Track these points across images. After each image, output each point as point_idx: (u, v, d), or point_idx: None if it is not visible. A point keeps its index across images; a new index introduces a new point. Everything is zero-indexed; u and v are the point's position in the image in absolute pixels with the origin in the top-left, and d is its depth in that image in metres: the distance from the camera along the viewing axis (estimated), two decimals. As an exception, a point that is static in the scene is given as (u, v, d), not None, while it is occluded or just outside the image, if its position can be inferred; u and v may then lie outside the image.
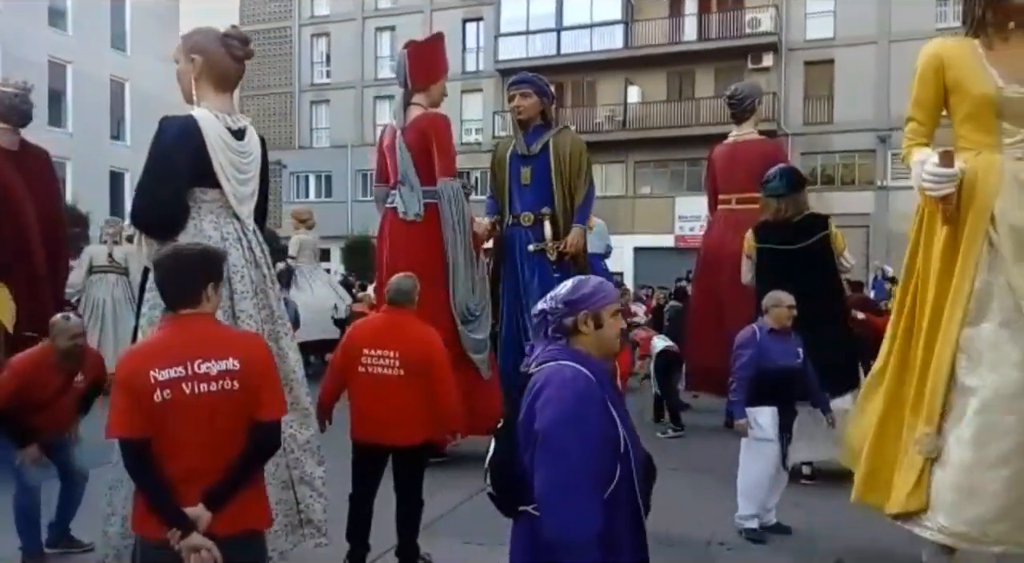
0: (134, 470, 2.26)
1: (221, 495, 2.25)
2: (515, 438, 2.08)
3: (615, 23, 25.52)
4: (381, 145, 6.07)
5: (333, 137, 30.35)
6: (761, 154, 6.68)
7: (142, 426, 2.21)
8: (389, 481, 3.71)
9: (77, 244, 19.56)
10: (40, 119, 24.69)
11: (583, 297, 2.13)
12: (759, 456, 4.26)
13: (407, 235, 5.73)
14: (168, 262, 2.42)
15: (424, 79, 5.82)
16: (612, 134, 25.45)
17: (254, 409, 2.33)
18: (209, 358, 2.27)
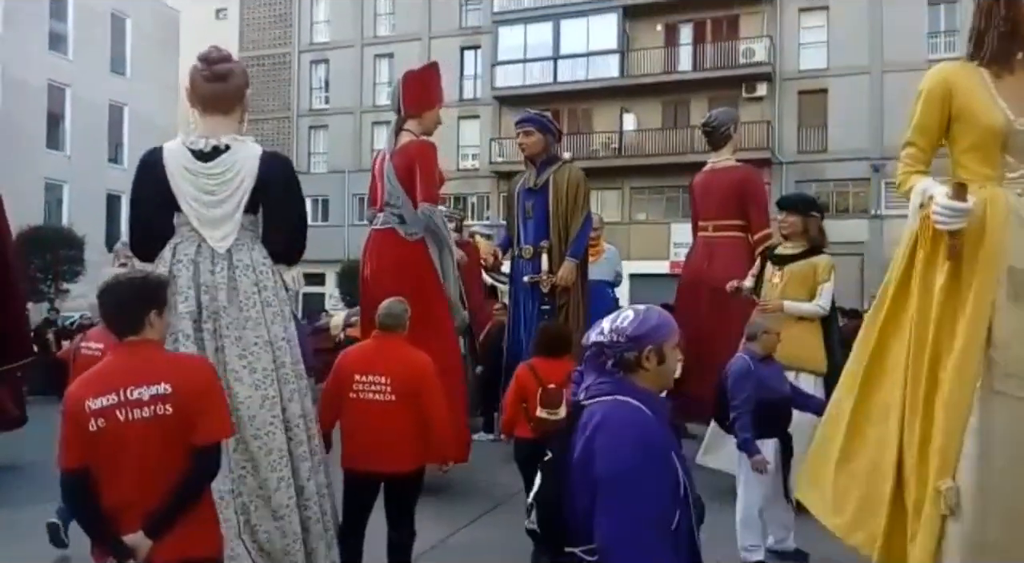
0: (69, 500, 2.29)
1: (161, 522, 2.22)
2: (564, 475, 1.96)
3: (611, 52, 25.82)
4: (373, 169, 6.19)
5: (331, 162, 30.49)
6: (736, 180, 6.73)
7: (79, 456, 2.23)
8: (380, 512, 3.65)
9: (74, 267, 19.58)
10: (39, 142, 25.05)
11: (649, 331, 2.01)
12: (758, 484, 4.20)
13: (390, 256, 5.77)
14: (108, 293, 2.43)
15: (417, 107, 5.92)
16: (608, 161, 25.62)
17: (189, 433, 2.29)
18: (141, 383, 2.26)
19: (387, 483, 3.60)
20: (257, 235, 3.35)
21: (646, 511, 1.83)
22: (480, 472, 6.06)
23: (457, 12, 28.94)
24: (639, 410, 1.94)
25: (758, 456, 4.10)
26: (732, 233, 6.71)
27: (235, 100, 3.35)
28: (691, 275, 6.95)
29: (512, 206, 6.87)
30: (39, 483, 6.03)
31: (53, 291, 18.84)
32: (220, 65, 3.32)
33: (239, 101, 3.38)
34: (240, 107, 3.40)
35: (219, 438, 2.39)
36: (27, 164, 23.02)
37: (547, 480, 2.02)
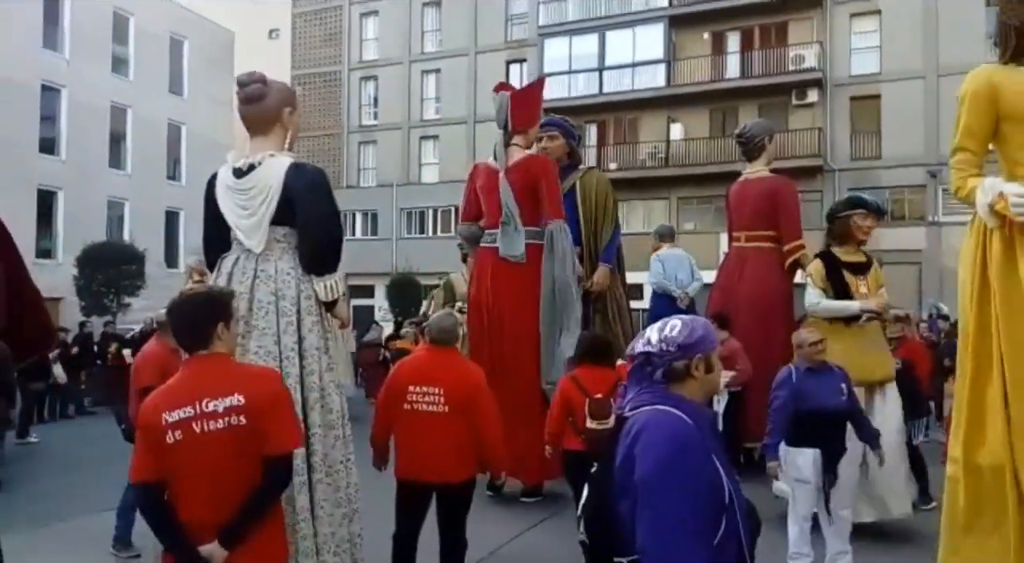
0: (146, 513, 2.31)
1: (235, 532, 2.26)
2: (610, 485, 1.98)
3: (657, 62, 25.71)
4: (473, 184, 6.16)
5: (380, 176, 30.96)
6: (767, 190, 6.64)
7: (156, 469, 2.27)
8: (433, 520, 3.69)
9: (135, 281, 20.20)
10: (102, 161, 25.99)
11: (698, 340, 2.03)
12: (799, 497, 4.17)
13: (510, 275, 5.77)
14: (176, 310, 2.52)
15: (524, 123, 6.01)
16: (655, 171, 25.47)
17: (262, 443, 2.33)
18: (216, 396, 2.31)
19: (439, 493, 3.63)
20: (290, 246, 3.35)
21: (683, 516, 1.84)
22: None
23: (503, 26, 29.20)
24: (679, 418, 1.96)
25: (772, 462, 4.18)
26: (763, 243, 6.64)
27: (271, 120, 3.40)
28: (724, 286, 6.89)
29: None
30: (100, 491, 6.26)
31: (115, 305, 19.47)
32: (251, 87, 3.39)
33: (276, 121, 3.41)
34: (280, 126, 3.43)
35: (290, 448, 2.43)
36: (91, 182, 23.96)
37: (594, 492, 2.05)
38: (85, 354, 13.37)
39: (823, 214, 5.46)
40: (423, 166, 30.38)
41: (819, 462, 4.10)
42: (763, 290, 6.40)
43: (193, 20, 28.46)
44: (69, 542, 4.82)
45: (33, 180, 22.28)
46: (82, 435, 10.61)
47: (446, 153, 29.03)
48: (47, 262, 22.30)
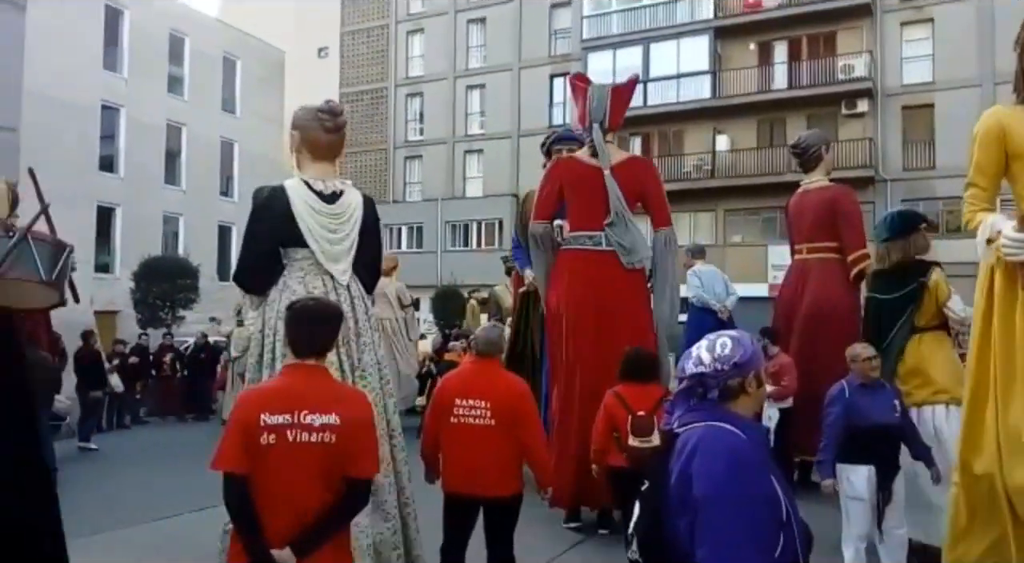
0: (233, 503, 2.34)
1: (309, 543, 2.29)
2: (662, 503, 1.97)
3: (702, 73, 25.54)
4: (555, 181, 5.72)
5: (425, 191, 31.32)
6: (828, 200, 6.51)
7: (244, 462, 2.31)
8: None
9: (189, 294, 20.74)
10: (158, 178, 26.80)
11: (752, 357, 2.03)
12: (853, 515, 4.09)
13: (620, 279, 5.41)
14: (306, 314, 2.55)
15: (618, 120, 5.76)
16: (701, 182, 25.23)
17: (347, 465, 2.38)
18: (314, 410, 2.36)
19: (485, 507, 3.63)
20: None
21: (744, 533, 1.82)
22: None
23: (546, 41, 29.36)
24: (734, 434, 1.94)
25: (827, 480, 4.10)
26: (826, 254, 6.51)
27: (343, 148, 3.75)
28: (786, 300, 6.78)
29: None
30: (153, 500, 6.43)
31: (170, 318, 20.02)
32: (341, 118, 3.64)
33: (342, 149, 3.77)
34: (341, 155, 3.80)
35: (372, 474, 2.49)
36: (148, 198, 24.76)
37: (645, 509, 2.03)
38: (142, 365, 13.77)
39: (875, 225, 5.32)
40: (468, 180, 30.64)
41: (873, 479, 4.02)
42: (826, 302, 6.25)
43: (245, 40, 29.30)
44: (122, 549, 4.92)
45: (93, 196, 23.12)
46: (137, 444, 10.92)
47: (490, 167, 29.24)
48: (106, 277, 23.08)
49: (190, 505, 5.80)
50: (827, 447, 4.10)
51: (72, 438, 10.77)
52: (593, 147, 5.58)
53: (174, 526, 5.52)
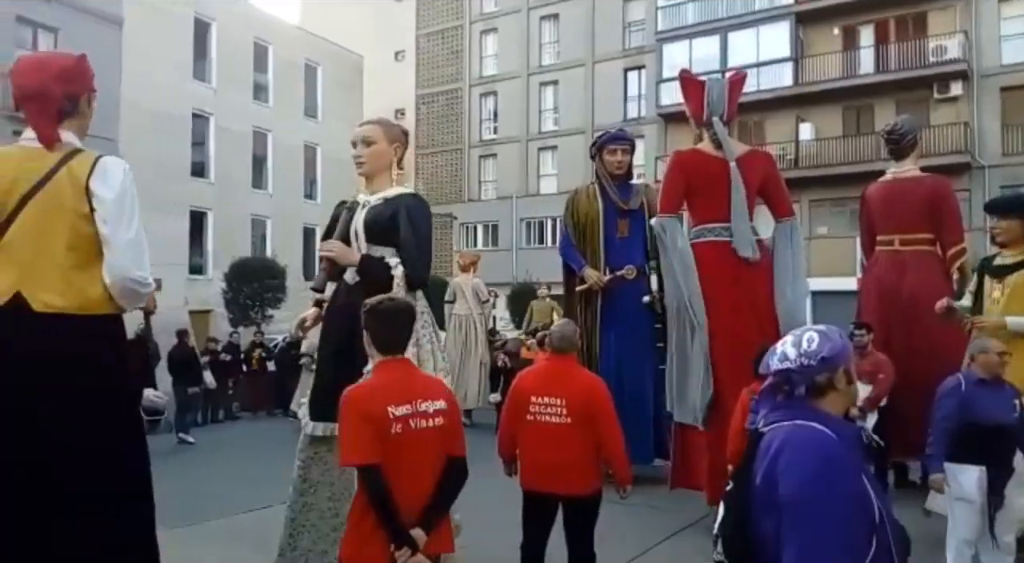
0: (376, 493, 2.46)
1: (432, 518, 2.50)
2: (747, 504, 1.92)
3: (784, 61, 24.77)
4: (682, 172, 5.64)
5: (500, 189, 31.52)
6: (926, 191, 6.20)
7: (378, 453, 2.47)
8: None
9: (277, 294, 21.49)
10: (245, 182, 27.87)
11: (840, 352, 1.95)
12: (959, 517, 3.87)
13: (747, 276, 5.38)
14: (384, 313, 2.68)
15: (734, 112, 5.78)
16: (784, 173, 24.26)
17: (451, 445, 2.63)
18: (427, 398, 2.58)
19: (564, 505, 3.61)
20: None
21: (833, 535, 1.76)
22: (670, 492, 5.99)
23: (620, 34, 29.06)
24: (822, 433, 1.87)
25: (936, 475, 3.89)
26: (922, 247, 6.22)
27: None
28: (881, 292, 6.48)
29: (591, 226, 6.68)
30: (245, 493, 6.70)
31: (260, 316, 20.82)
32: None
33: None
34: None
35: (465, 452, 2.70)
36: (237, 203, 25.82)
37: (730, 510, 1.99)
38: (233, 362, 14.37)
39: (972, 213, 5.06)
40: (542, 177, 30.67)
41: (984, 481, 3.79)
42: (926, 298, 5.98)
43: (326, 47, 30.13)
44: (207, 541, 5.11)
45: (186, 202, 24.26)
46: (229, 438, 11.41)
47: (564, 163, 29.16)
48: (199, 278, 24.20)
49: (277, 498, 6.02)
50: (937, 442, 3.89)
51: (169, 433, 11.35)
52: (717, 139, 5.54)
53: (260, 518, 5.71)
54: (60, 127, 2.59)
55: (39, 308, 2.44)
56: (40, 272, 2.47)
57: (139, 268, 2.55)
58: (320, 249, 3.64)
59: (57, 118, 2.58)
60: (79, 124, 2.68)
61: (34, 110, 2.56)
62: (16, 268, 2.47)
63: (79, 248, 2.50)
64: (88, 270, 2.51)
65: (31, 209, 2.48)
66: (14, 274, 2.47)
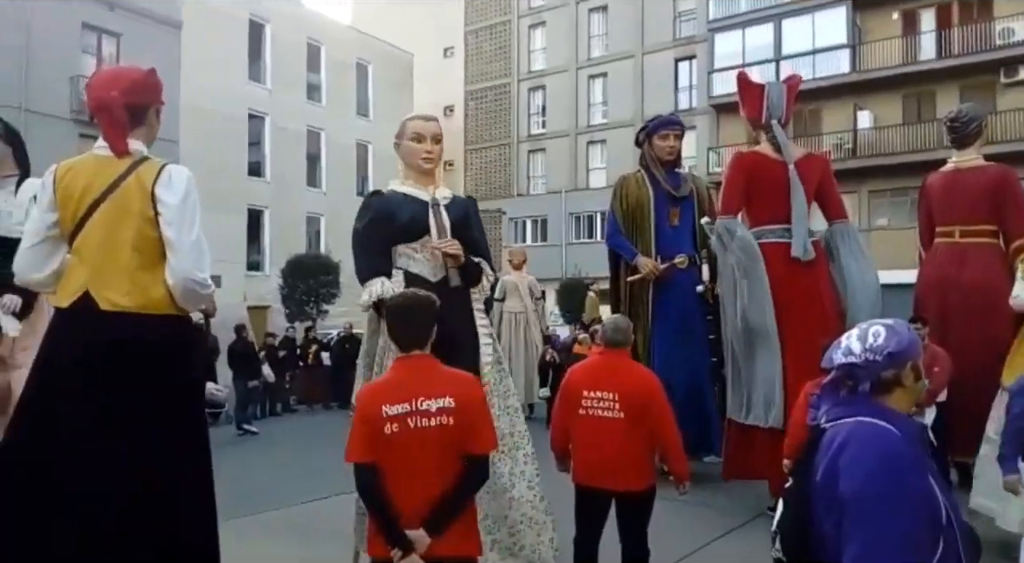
0: (365, 492, 2.51)
1: (440, 521, 2.45)
2: (807, 501, 1.89)
3: (840, 47, 24.10)
4: (743, 173, 5.67)
5: (548, 183, 31.48)
6: (991, 181, 5.96)
7: (370, 452, 2.48)
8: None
9: (331, 290, 21.91)
10: (300, 181, 28.43)
11: (908, 347, 1.90)
12: None
13: (806, 277, 5.46)
14: (402, 309, 2.69)
15: (791, 116, 5.85)
16: (841, 163, 23.78)
17: (466, 444, 2.53)
18: (430, 396, 2.51)
19: (618, 501, 3.59)
20: None
21: (896, 533, 1.71)
22: (726, 489, 5.93)
23: (670, 25, 28.69)
24: (886, 429, 1.83)
25: (1011, 476, 3.69)
26: (984, 239, 6.00)
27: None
28: (939, 284, 6.27)
29: (642, 213, 6.48)
30: (302, 484, 6.85)
31: (315, 312, 21.24)
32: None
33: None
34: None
35: (490, 450, 2.64)
36: (292, 201, 26.37)
37: (790, 507, 1.96)
38: (290, 356, 14.70)
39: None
40: (591, 171, 30.50)
41: None
42: (988, 292, 5.78)
43: (376, 46, 30.49)
44: (261, 531, 5.19)
45: (244, 200, 24.87)
46: (286, 431, 11.68)
47: (614, 157, 28.94)
48: (256, 274, 24.81)
49: (331, 489, 6.14)
50: (1010, 442, 3.72)
51: (229, 425, 11.68)
52: (776, 142, 5.61)
53: (314, 509, 5.83)
54: (129, 137, 2.72)
55: (105, 306, 2.56)
56: (107, 273, 2.59)
57: (200, 270, 2.65)
58: (442, 246, 3.66)
59: (126, 129, 2.71)
60: (147, 133, 2.82)
61: (105, 121, 2.69)
62: (86, 269, 2.61)
63: (144, 250, 2.62)
64: (152, 271, 2.62)
65: (101, 213, 2.62)
66: (84, 274, 2.61)
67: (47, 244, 2.72)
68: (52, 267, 2.73)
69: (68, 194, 2.65)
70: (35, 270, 2.74)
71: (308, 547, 4.74)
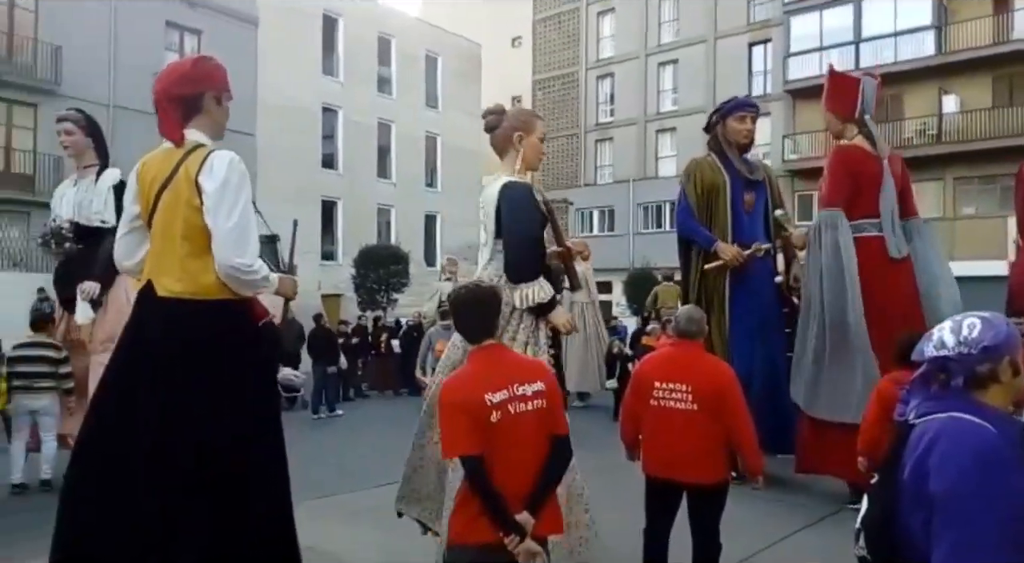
0: (478, 483, 2.48)
1: (539, 502, 2.50)
2: (894, 497, 1.85)
3: (925, 28, 23.02)
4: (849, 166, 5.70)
5: (616, 173, 31.19)
6: None
7: (479, 443, 2.48)
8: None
9: (401, 279, 22.30)
10: (371, 172, 28.93)
11: (1005, 340, 1.82)
12: None
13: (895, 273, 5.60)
14: (465, 302, 2.71)
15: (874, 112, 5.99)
16: (925, 149, 22.81)
17: (553, 425, 2.60)
18: (524, 381, 2.56)
19: (689, 493, 3.56)
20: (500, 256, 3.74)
21: (990, 533, 1.66)
22: (799, 485, 5.82)
23: (744, 8, 27.94)
24: (981, 426, 1.76)
25: None
26: None
27: (505, 144, 3.87)
28: None
29: (718, 198, 6.23)
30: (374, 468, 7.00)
31: (386, 300, 21.67)
32: (488, 118, 3.93)
33: (509, 144, 3.86)
34: (512, 149, 3.85)
35: (567, 430, 2.70)
36: (363, 192, 26.90)
37: (875, 504, 1.91)
38: (362, 344, 15.06)
39: None
40: (660, 160, 30.07)
41: None
42: None
43: (445, 37, 30.72)
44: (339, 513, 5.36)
45: (318, 192, 25.51)
46: (359, 416, 11.98)
47: (684, 145, 28.43)
48: (330, 264, 25.44)
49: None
50: None
51: (305, 409, 12.06)
52: (871, 137, 5.76)
53: (388, 493, 5.95)
54: (188, 126, 2.82)
55: (162, 293, 2.70)
56: (164, 260, 2.74)
57: (239, 255, 2.66)
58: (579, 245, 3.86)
59: (181, 119, 2.80)
60: (207, 121, 2.87)
61: (159, 114, 2.83)
62: (151, 257, 2.80)
63: (192, 238, 2.71)
64: (202, 258, 2.70)
65: (162, 203, 2.76)
66: (150, 262, 2.80)
67: (134, 234, 2.93)
68: (140, 255, 2.92)
69: (142, 186, 2.83)
70: (126, 257, 2.97)
71: (383, 530, 4.84)
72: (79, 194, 5.79)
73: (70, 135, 5.77)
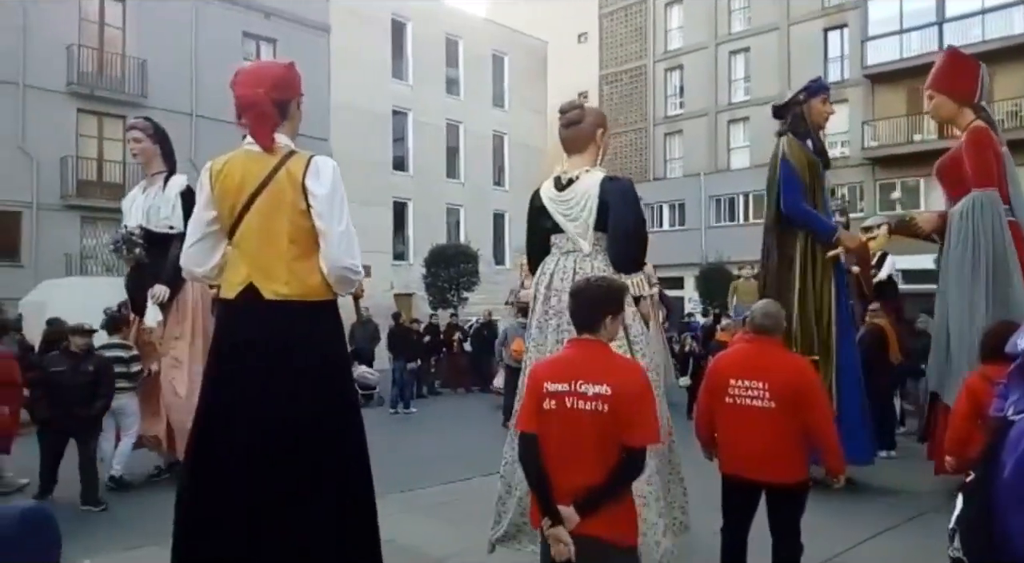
0: (524, 459, 2.65)
1: (590, 503, 2.50)
2: (992, 496, 1.79)
3: (1014, 5, 21.77)
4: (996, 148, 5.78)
5: (686, 166, 30.64)
6: None
7: (534, 423, 2.62)
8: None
9: (471, 278, 22.55)
10: (440, 173, 29.31)
11: None
12: None
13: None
14: (577, 294, 2.78)
15: None
16: (1018, 133, 21.57)
17: (622, 433, 2.51)
18: (589, 380, 2.56)
19: (768, 493, 3.47)
20: (602, 248, 3.81)
21: None
22: (884, 486, 5.65)
23: (818, -7, 27.03)
24: None
25: None
26: None
27: (587, 140, 3.92)
28: None
29: (815, 180, 5.94)
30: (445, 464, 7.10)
31: (456, 299, 21.92)
32: (571, 113, 3.95)
33: (591, 141, 3.93)
34: (593, 145, 3.93)
35: (648, 443, 2.60)
36: (433, 192, 27.28)
37: (972, 503, 1.83)
38: (433, 342, 15.28)
39: None
40: (732, 151, 29.37)
41: None
42: None
43: (511, 36, 30.82)
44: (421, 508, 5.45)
45: (389, 193, 26.01)
46: (432, 413, 12.16)
47: (757, 135, 27.66)
48: (401, 264, 25.91)
49: (477, 470, 6.34)
50: None
51: (381, 406, 12.33)
52: (992, 122, 5.82)
53: (461, 489, 6.05)
54: (276, 132, 2.86)
55: (269, 296, 2.74)
56: (268, 264, 2.77)
57: (350, 257, 2.80)
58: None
59: (275, 124, 2.85)
60: (291, 126, 2.96)
61: (252, 118, 2.82)
62: (248, 261, 2.80)
63: (299, 241, 2.77)
64: (308, 260, 2.78)
65: (257, 207, 2.78)
66: (247, 267, 2.79)
67: (208, 240, 2.92)
68: (214, 261, 2.94)
69: (224, 191, 2.81)
70: (198, 265, 2.95)
71: (456, 525, 4.93)
72: (148, 201, 6.04)
73: (138, 142, 6.03)
